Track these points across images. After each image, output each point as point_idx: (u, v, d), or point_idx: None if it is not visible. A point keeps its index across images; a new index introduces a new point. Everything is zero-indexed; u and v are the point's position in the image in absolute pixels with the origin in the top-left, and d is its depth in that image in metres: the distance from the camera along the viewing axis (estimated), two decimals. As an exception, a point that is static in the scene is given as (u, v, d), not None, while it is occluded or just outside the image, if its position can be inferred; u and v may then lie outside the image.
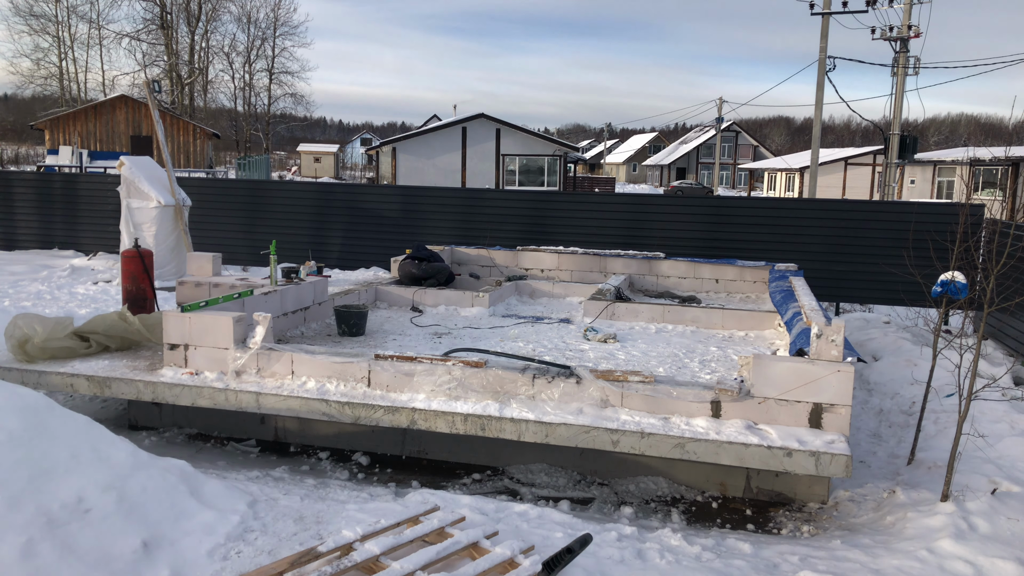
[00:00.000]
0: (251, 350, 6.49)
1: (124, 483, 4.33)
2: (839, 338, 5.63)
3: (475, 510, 4.95)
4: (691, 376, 6.63)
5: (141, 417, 7.34)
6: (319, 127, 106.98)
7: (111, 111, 41.00)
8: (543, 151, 36.08)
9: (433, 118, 68.61)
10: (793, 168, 51.08)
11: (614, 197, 15.10)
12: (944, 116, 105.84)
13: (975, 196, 30.90)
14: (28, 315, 7.02)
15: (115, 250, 15.37)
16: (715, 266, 11.34)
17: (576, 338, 8.13)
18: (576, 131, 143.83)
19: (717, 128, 59.22)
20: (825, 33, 22.43)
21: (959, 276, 7.25)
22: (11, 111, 66.21)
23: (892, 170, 22.18)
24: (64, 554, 3.80)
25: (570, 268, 11.81)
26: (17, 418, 4.25)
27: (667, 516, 5.75)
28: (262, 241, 15.28)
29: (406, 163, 35.49)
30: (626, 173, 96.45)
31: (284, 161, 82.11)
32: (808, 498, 6.01)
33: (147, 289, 8.96)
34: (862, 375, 9.15)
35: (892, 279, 11.58)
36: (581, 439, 5.56)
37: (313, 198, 15.30)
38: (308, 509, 4.89)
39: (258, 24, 73.94)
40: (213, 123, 55.30)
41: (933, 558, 4.58)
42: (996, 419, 6.98)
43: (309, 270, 9.00)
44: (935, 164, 38.68)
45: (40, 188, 16.54)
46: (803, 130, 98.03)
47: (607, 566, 4.35)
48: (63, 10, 53.54)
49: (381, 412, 5.94)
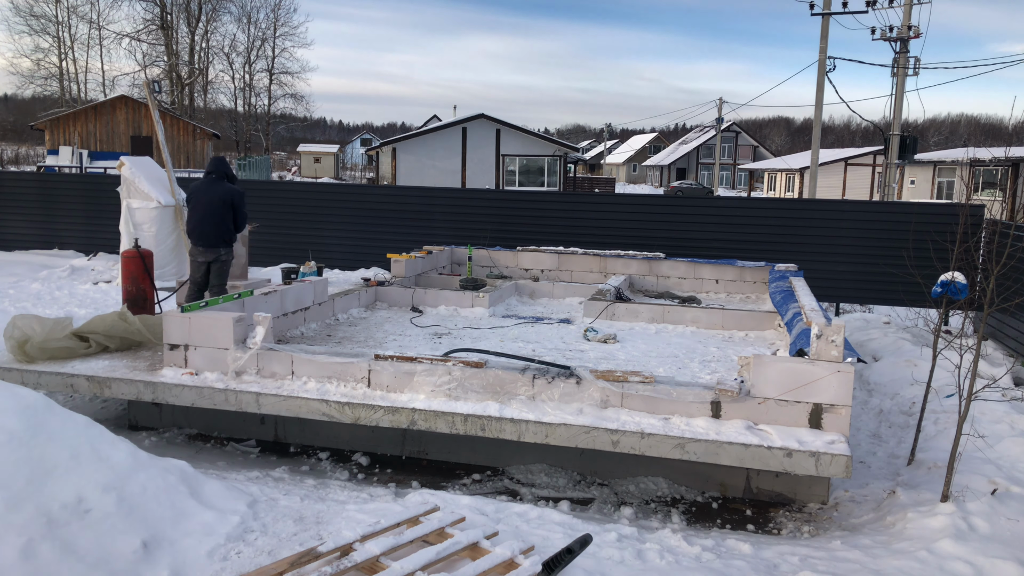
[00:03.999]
0: (251, 350, 6.48)
1: (124, 483, 4.33)
2: (839, 338, 5.63)
3: (475, 510, 4.95)
4: (691, 376, 6.63)
5: (141, 417, 7.34)
6: (319, 127, 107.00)
7: (111, 111, 41.01)
8: (543, 151, 36.08)
9: (433, 118, 68.62)
10: (793, 168, 51.09)
11: (614, 197, 15.10)
12: (944, 116, 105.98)
13: (975, 196, 30.90)
14: (27, 315, 7.01)
15: (115, 250, 15.35)
16: (715, 266, 11.34)
17: (576, 338, 8.13)
18: (576, 131, 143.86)
19: (717, 128, 59.24)
20: (825, 33, 22.45)
21: (959, 276, 7.25)
22: (11, 111, 66.20)
23: (892, 170, 22.18)
24: (64, 554, 3.79)
25: (570, 268, 11.81)
26: (17, 418, 4.25)
27: (667, 516, 5.75)
28: (262, 241, 15.29)
29: (406, 163, 35.49)
30: (626, 173, 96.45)
31: (284, 161, 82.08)
32: (808, 498, 6.01)
33: (147, 289, 8.96)
34: (862, 375, 9.15)
35: (892, 279, 11.59)
36: (581, 439, 5.56)
37: (313, 198, 15.30)
38: (308, 509, 4.89)
39: (258, 24, 74.10)
40: (213, 123, 55.28)
41: (933, 558, 4.58)
42: (996, 419, 6.98)
43: (309, 271, 9.01)
44: (935, 164, 38.68)
45: (40, 188, 16.54)
46: (803, 130, 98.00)
47: (607, 566, 4.35)
48: (63, 10, 53.63)
49: (381, 412, 5.94)
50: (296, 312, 8.13)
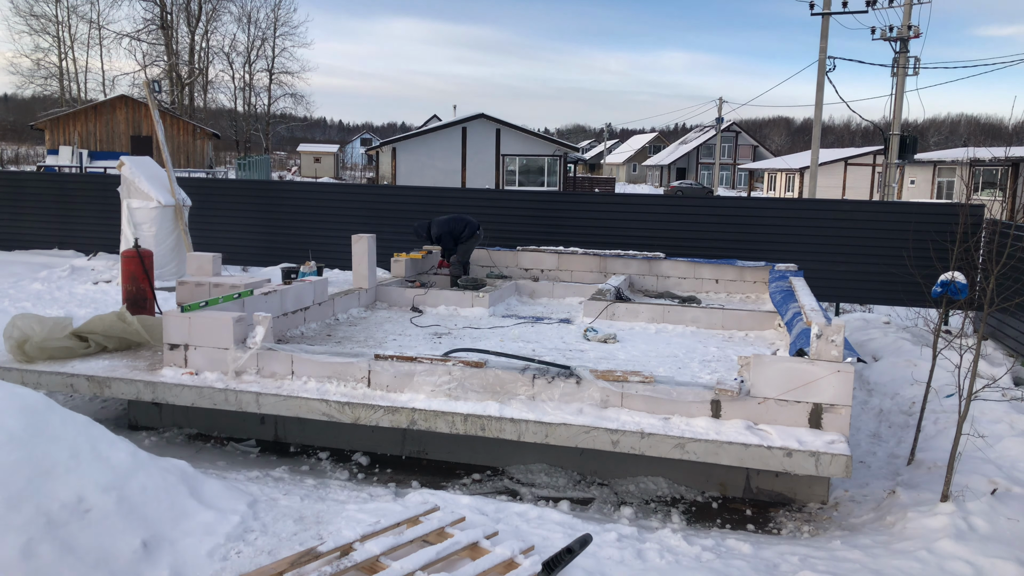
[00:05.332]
0: (251, 350, 6.48)
1: (124, 483, 4.33)
2: (839, 338, 5.63)
3: (475, 510, 4.95)
4: (691, 376, 6.63)
5: (141, 417, 7.34)
6: (319, 127, 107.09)
7: (111, 111, 41.01)
8: (543, 151, 36.07)
9: (433, 118, 68.59)
10: (793, 168, 51.10)
11: (614, 197, 15.10)
12: (944, 116, 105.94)
13: (975, 196, 30.90)
14: (27, 315, 7.01)
15: (115, 250, 15.35)
16: (715, 266, 11.34)
17: (576, 338, 8.13)
18: (576, 131, 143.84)
19: (717, 128, 59.26)
20: (825, 33, 22.45)
21: (959, 276, 7.25)
22: (11, 111, 66.23)
23: (892, 170, 22.19)
24: (64, 554, 3.79)
25: (570, 268, 11.81)
26: (17, 418, 4.25)
27: (667, 516, 5.75)
28: (262, 241, 15.29)
29: (406, 163, 35.48)
30: (626, 173, 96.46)
31: (284, 161, 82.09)
32: (808, 498, 6.01)
33: (147, 289, 8.96)
34: (862, 375, 9.15)
35: (892, 279, 11.60)
36: (581, 439, 5.56)
37: (313, 198, 15.29)
38: (308, 509, 4.89)
39: (258, 24, 74.13)
40: (213, 123, 55.31)
41: (933, 558, 4.58)
42: (996, 419, 6.99)
43: (309, 270, 9.01)
44: (935, 164, 38.69)
45: (40, 188, 16.53)
46: (803, 130, 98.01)
47: (607, 566, 4.35)
48: (63, 10, 53.67)
49: (381, 412, 5.94)
50: (296, 312, 8.13)
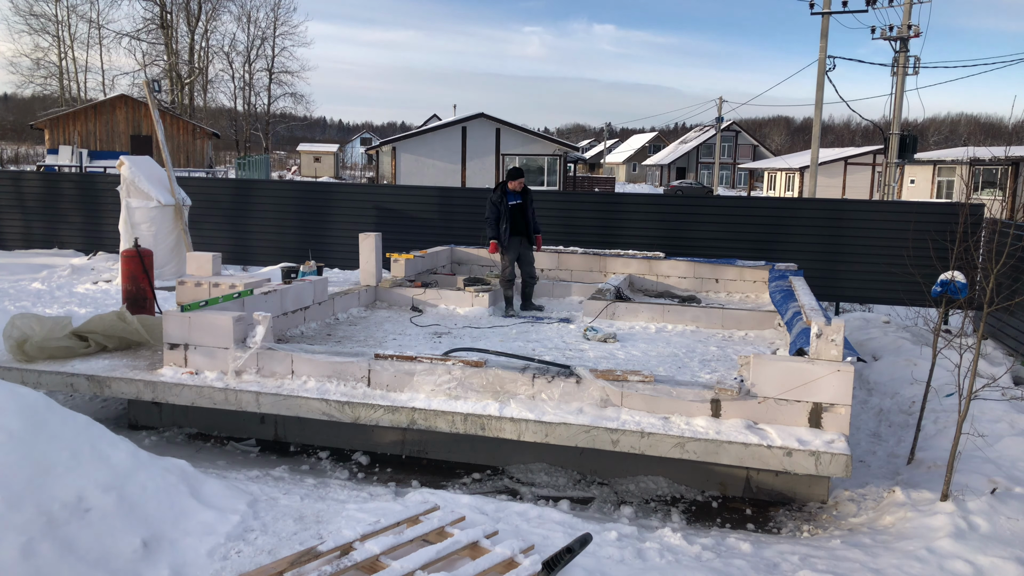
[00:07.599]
0: (251, 350, 6.48)
1: (124, 483, 4.33)
2: (839, 338, 5.63)
3: (475, 510, 4.95)
4: (691, 376, 6.63)
5: (141, 417, 7.34)
6: (319, 127, 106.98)
7: (111, 111, 40.98)
8: (543, 151, 36.04)
9: (433, 118, 68.59)
10: (793, 168, 51.06)
11: (614, 197, 15.10)
12: (944, 116, 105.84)
13: (975, 196, 30.89)
14: (26, 315, 7.02)
15: (115, 250, 15.36)
16: (715, 266, 11.34)
17: (576, 338, 8.13)
18: (576, 131, 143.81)
19: (717, 128, 59.21)
20: (825, 33, 22.44)
21: (959, 276, 7.25)
22: (11, 111, 66.17)
23: (892, 170, 22.18)
24: (64, 554, 3.79)
25: (570, 268, 11.81)
26: (17, 418, 4.25)
27: (667, 516, 5.75)
28: (262, 241, 15.29)
29: (406, 163, 35.46)
30: (626, 173, 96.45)
31: (284, 161, 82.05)
32: (808, 498, 6.01)
33: (147, 289, 8.96)
34: (862, 375, 9.15)
35: (892, 279, 11.59)
36: (581, 439, 5.56)
37: (313, 198, 15.29)
38: (308, 509, 4.89)
39: (258, 24, 74.12)
40: (213, 123, 55.27)
41: (933, 558, 4.58)
42: (996, 419, 6.99)
43: (309, 270, 9.01)
44: (935, 164, 38.66)
45: (40, 188, 16.54)
46: (803, 130, 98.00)
47: (607, 566, 4.35)
48: (63, 10, 53.62)
49: (381, 412, 5.94)
50: (296, 311, 8.13)
